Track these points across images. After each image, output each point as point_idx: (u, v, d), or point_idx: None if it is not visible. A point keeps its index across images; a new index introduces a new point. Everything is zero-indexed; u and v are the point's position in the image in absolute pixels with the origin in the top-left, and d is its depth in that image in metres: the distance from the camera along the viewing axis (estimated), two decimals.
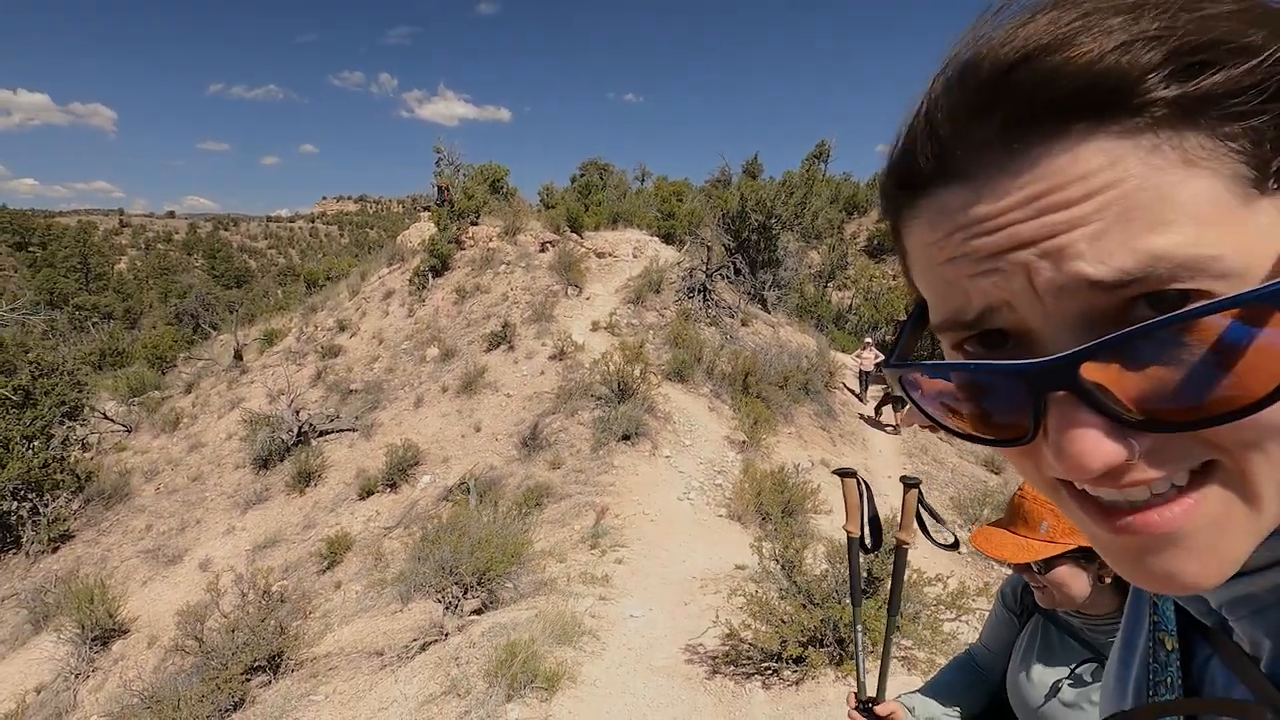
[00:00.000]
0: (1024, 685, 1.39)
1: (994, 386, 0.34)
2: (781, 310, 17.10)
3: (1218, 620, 0.43)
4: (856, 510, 1.52)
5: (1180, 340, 0.28)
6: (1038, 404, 0.32)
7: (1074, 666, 1.31)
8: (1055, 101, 0.29)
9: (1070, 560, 1.20)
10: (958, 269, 0.33)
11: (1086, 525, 0.36)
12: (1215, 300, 0.28)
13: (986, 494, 11.00)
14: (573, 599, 5.20)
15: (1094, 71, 0.29)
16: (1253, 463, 0.31)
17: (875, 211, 33.64)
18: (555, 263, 15.99)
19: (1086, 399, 0.30)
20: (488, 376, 12.43)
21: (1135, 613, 0.55)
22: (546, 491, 8.86)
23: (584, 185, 22.96)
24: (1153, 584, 0.34)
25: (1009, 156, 0.31)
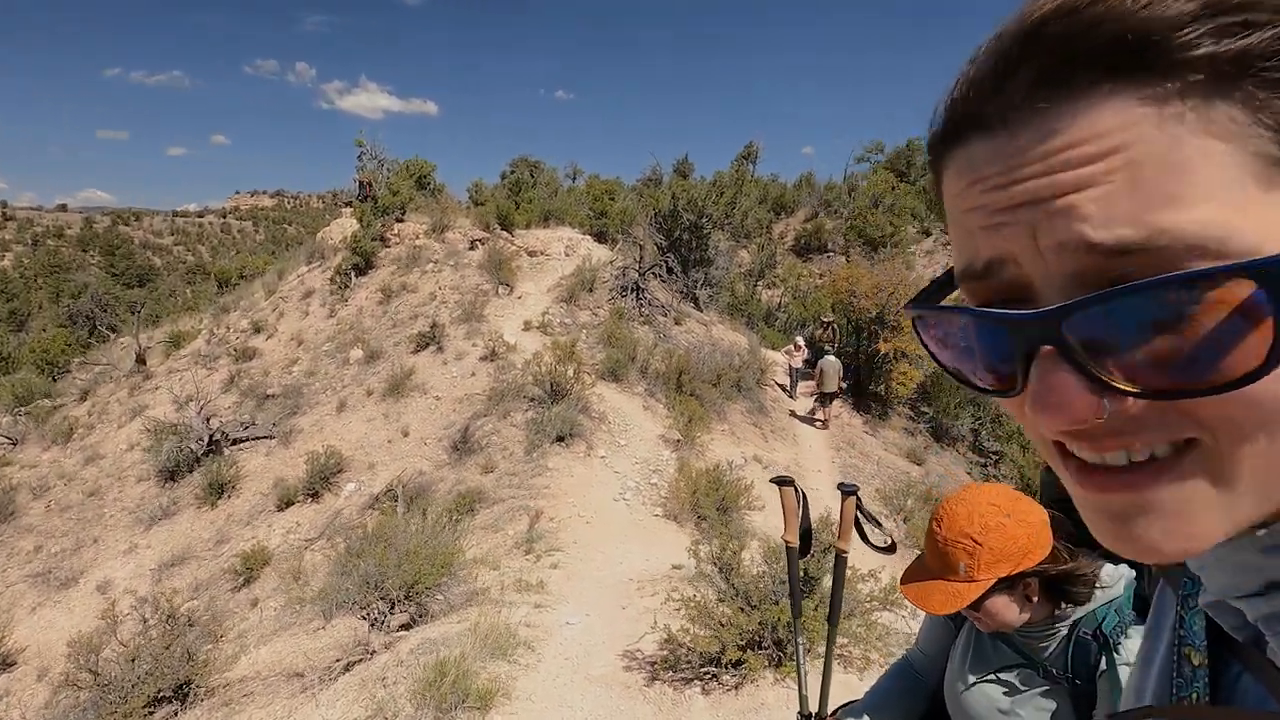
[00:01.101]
0: (960, 690, 1.39)
1: (989, 336, 0.35)
2: (713, 309, 17.28)
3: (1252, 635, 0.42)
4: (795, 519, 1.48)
5: (1164, 308, 0.28)
6: (1026, 356, 0.33)
7: (1008, 672, 1.31)
8: (1082, 57, 0.29)
9: (995, 592, 1.19)
10: (973, 219, 0.34)
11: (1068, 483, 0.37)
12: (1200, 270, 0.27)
13: (910, 485, 11.44)
14: (507, 608, 5.05)
15: (1125, 25, 0.28)
16: (1231, 446, 0.31)
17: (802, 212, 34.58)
18: (485, 261, 15.64)
19: (1066, 355, 0.31)
20: (416, 379, 12.02)
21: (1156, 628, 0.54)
22: (478, 496, 8.63)
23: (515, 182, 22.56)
24: (1122, 548, 0.35)
25: (1033, 113, 0.31)
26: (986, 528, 1.17)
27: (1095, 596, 1.20)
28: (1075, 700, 1.20)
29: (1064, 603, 1.22)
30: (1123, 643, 1.14)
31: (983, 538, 1.17)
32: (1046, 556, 1.17)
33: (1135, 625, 1.16)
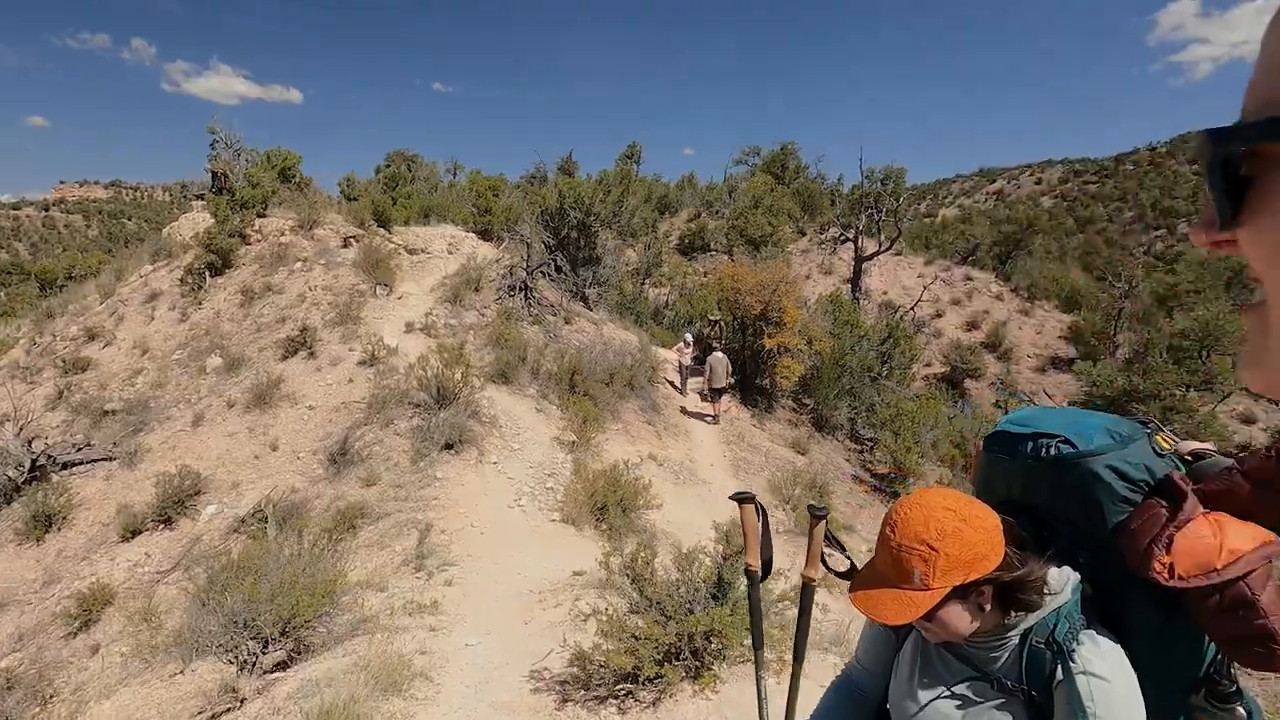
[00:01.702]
0: (907, 706, 1.34)
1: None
2: (603, 307, 17.21)
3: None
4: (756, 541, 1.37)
5: None
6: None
7: (959, 685, 1.27)
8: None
9: (949, 600, 1.14)
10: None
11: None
12: None
13: (796, 474, 11.90)
14: (398, 635, 4.67)
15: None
16: None
17: (685, 211, 35.31)
18: (361, 259, 14.68)
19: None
20: (285, 387, 11.05)
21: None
22: (361, 512, 8.03)
23: (390, 177, 21.39)
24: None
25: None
26: (943, 533, 1.11)
27: (1044, 603, 1.17)
28: (1031, 712, 1.17)
29: (1014, 611, 1.19)
30: (1077, 650, 1.12)
31: (939, 544, 1.11)
32: (999, 563, 1.13)
33: (1086, 631, 1.14)
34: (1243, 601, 1.00)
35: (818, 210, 32.31)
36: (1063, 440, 1.17)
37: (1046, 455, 1.18)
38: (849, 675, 1.56)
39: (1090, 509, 1.15)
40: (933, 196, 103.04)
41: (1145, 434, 1.18)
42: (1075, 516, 1.18)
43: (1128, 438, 1.16)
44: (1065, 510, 1.19)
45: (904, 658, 1.40)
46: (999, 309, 26.92)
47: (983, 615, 1.19)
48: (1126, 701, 1.05)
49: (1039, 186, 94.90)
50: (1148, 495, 1.12)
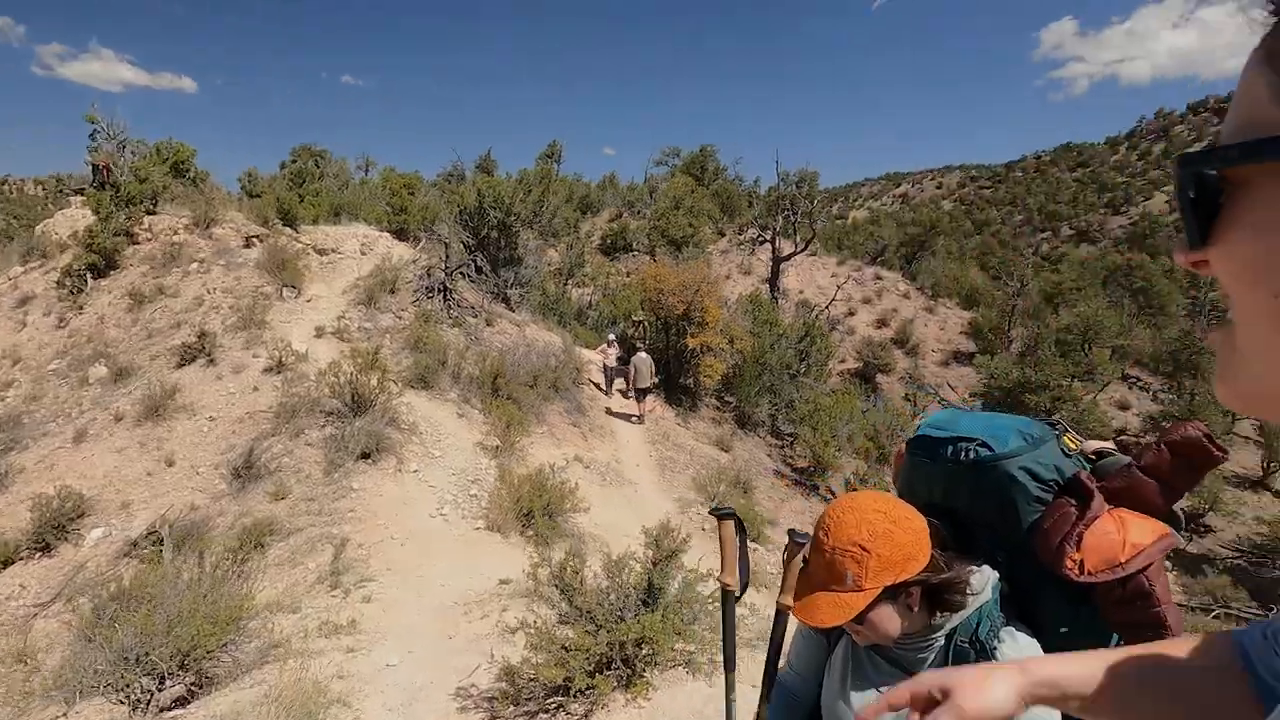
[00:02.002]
0: (839, 709, 1.35)
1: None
2: (525, 308, 16.95)
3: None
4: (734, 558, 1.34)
5: None
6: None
7: (886, 686, 1.29)
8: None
9: (880, 601, 1.16)
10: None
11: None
12: None
13: (720, 472, 12.11)
14: (313, 659, 4.41)
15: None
16: None
17: (607, 211, 35.29)
18: (265, 260, 13.86)
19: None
20: (181, 398, 10.29)
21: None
22: (270, 528, 7.57)
23: (297, 173, 20.33)
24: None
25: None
26: (875, 535, 1.13)
27: (967, 603, 1.21)
28: None
29: (940, 611, 1.22)
30: (998, 647, 1.16)
31: (871, 545, 1.13)
32: (927, 564, 1.16)
33: (1006, 628, 1.18)
34: (1141, 592, 1.07)
35: (736, 211, 33.02)
36: (980, 444, 1.21)
37: (966, 459, 1.22)
38: (782, 680, 1.57)
39: (1006, 510, 1.20)
40: (844, 199, 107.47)
41: (1054, 435, 1.24)
42: (993, 518, 1.22)
43: (1039, 439, 1.20)
44: (984, 512, 1.23)
45: (835, 662, 1.41)
46: (906, 307, 28.31)
47: (911, 616, 1.21)
48: None
49: (940, 190, 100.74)
50: (1058, 495, 1.17)
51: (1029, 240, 63.73)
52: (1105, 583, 1.08)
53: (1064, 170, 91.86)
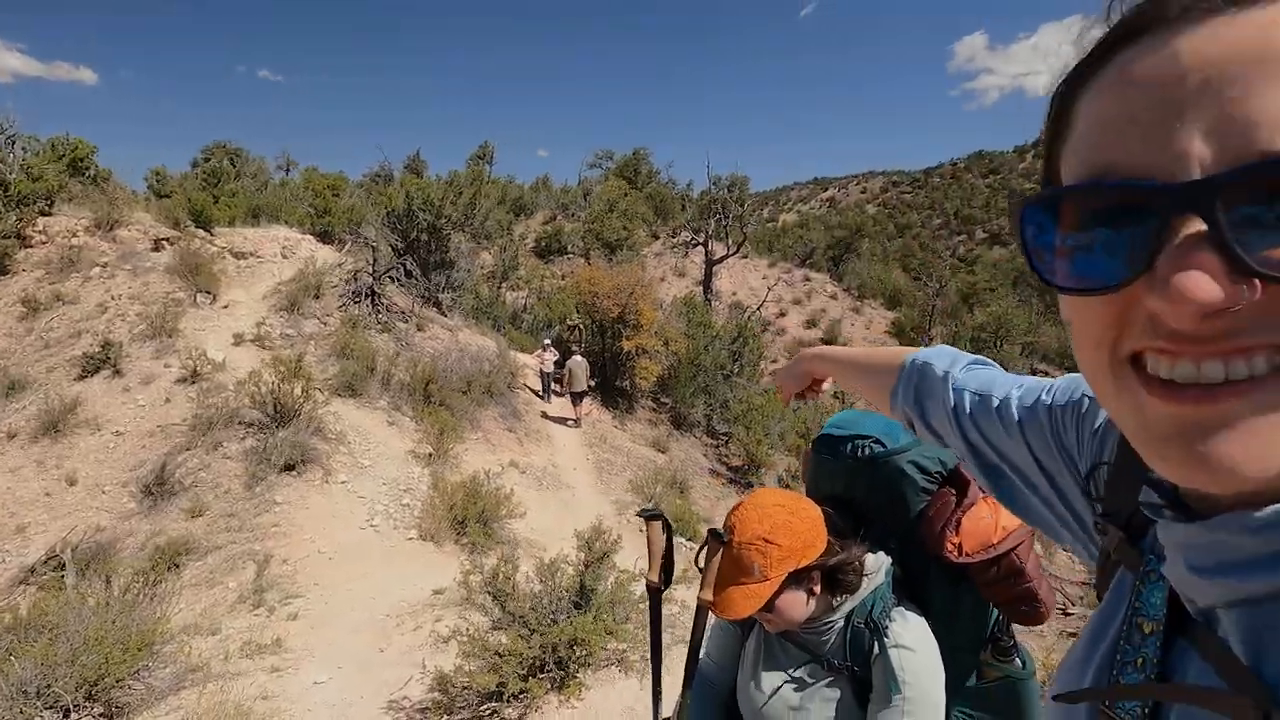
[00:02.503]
0: (752, 693, 1.44)
1: (1119, 216, 0.35)
2: (458, 312, 16.66)
3: (1204, 611, 0.44)
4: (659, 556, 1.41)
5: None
6: (1160, 233, 0.33)
7: (794, 669, 1.38)
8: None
9: (785, 588, 1.24)
10: (1131, 116, 0.35)
11: (1141, 409, 0.36)
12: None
13: (657, 473, 12.24)
14: (235, 681, 4.24)
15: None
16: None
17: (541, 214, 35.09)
18: (177, 264, 13.11)
19: (1211, 232, 0.31)
20: (84, 411, 9.64)
21: (1114, 601, 0.55)
22: (186, 547, 7.21)
23: (210, 172, 19.35)
24: (1193, 469, 0.35)
25: (1213, 16, 0.33)
26: (776, 527, 1.22)
27: (863, 586, 1.31)
28: (855, 686, 1.30)
29: (838, 594, 1.31)
30: (889, 626, 1.26)
31: (774, 537, 1.21)
32: (824, 550, 1.25)
33: (897, 609, 1.28)
34: (1013, 570, 1.20)
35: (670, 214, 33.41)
36: (875, 440, 1.32)
37: (862, 455, 1.34)
38: (702, 670, 1.65)
39: (897, 500, 1.31)
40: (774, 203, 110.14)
41: None
42: (887, 508, 1.34)
43: None
44: (879, 502, 1.34)
45: (749, 650, 1.50)
46: (834, 307, 29.33)
47: (814, 599, 1.30)
48: (928, 666, 1.21)
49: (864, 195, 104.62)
50: (941, 485, 1.29)
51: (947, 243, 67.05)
52: (980, 562, 1.19)
53: (977, 176, 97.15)
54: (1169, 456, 0.36)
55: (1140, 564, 0.52)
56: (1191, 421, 0.34)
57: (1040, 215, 0.39)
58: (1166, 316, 0.33)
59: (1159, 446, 0.36)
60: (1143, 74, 0.35)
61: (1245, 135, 0.31)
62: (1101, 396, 0.41)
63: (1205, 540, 0.41)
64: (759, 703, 1.41)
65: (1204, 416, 0.34)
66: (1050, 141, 0.42)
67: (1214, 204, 0.31)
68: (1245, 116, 0.31)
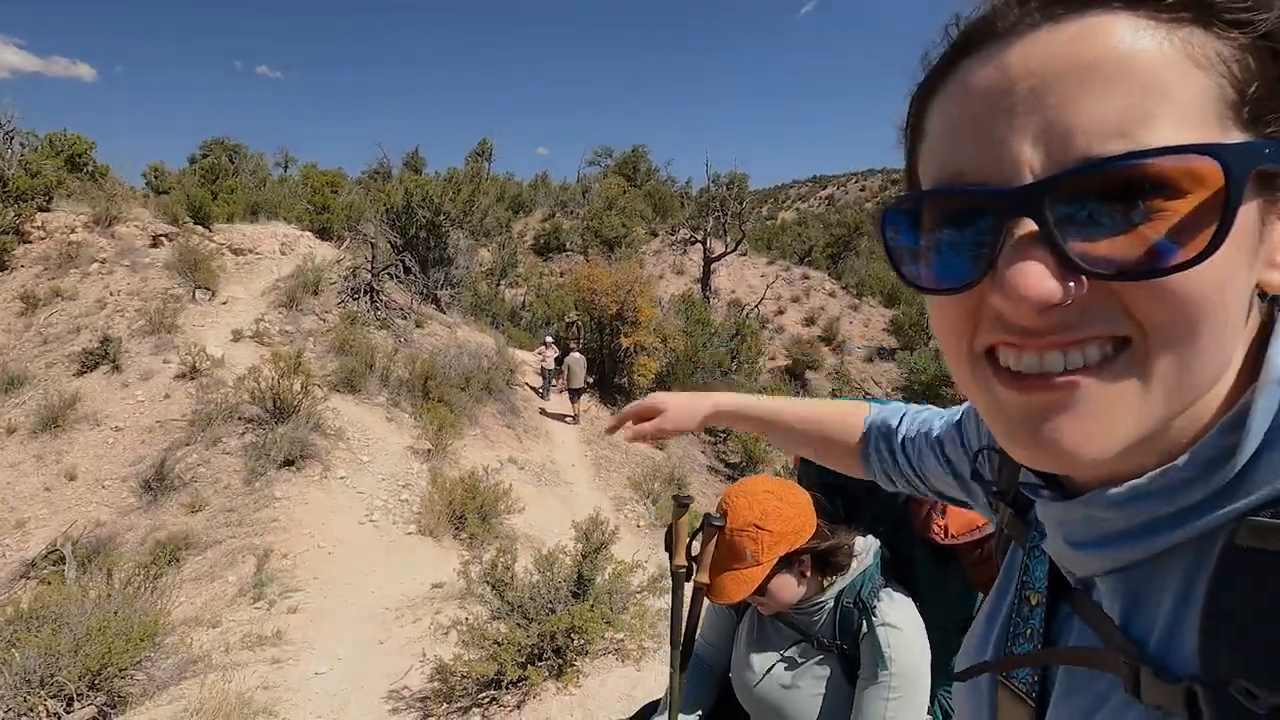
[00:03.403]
0: (745, 672, 1.48)
1: (966, 219, 0.37)
2: (456, 309, 16.69)
3: (1083, 580, 0.47)
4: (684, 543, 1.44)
5: (1135, 185, 0.32)
6: (999, 234, 0.35)
7: (786, 649, 1.42)
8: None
9: (777, 572, 1.28)
10: (972, 124, 0.37)
11: (995, 397, 0.39)
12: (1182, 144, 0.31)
13: (656, 469, 12.28)
14: (236, 672, 4.27)
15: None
16: (1157, 346, 0.34)
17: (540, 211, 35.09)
18: (176, 260, 13.13)
19: (1043, 233, 0.34)
20: (83, 407, 9.66)
21: (1006, 576, 0.59)
22: (186, 542, 7.24)
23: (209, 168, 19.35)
24: (1040, 452, 0.37)
25: (1049, 23, 0.35)
26: (766, 513, 1.26)
27: (852, 567, 1.35)
28: (844, 664, 1.34)
29: (829, 575, 1.35)
30: (877, 605, 1.30)
31: (764, 522, 1.25)
32: (814, 534, 1.29)
33: (885, 589, 1.32)
34: None
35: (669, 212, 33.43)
36: None
37: None
38: (696, 652, 1.69)
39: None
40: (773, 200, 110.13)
41: None
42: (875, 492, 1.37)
43: None
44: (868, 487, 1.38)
45: (742, 632, 1.54)
46: (833, 305, 29.35)
47: (806, 582, 1.34)
48: (914, 644, 1.25)
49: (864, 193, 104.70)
50: None
51: None
52: (966, 544, 1.23)
53: None
54: (1018, 441, 0.39)
55: (1026, 539, 0.56)
56: (1036, 409, 0.37)
57: (900, 220, 0.42)
58: (1008, 313, 0.36)
59: (1010, 432, 0.39)
60: (979, 84, 0.37)
61: (1066, 141, 0.33)
62: (963, 387, 0.43)
63: (1077, 516, 0.44)
64: (752, 682, 1.45)
65: (1046, 404, 0.36)
66: (909, 148, 0.44)
67: (1042, 206, 0.34)
68: (1066, 123, 0.33)
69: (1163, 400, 0.36)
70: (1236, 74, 0.33)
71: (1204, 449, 0.38)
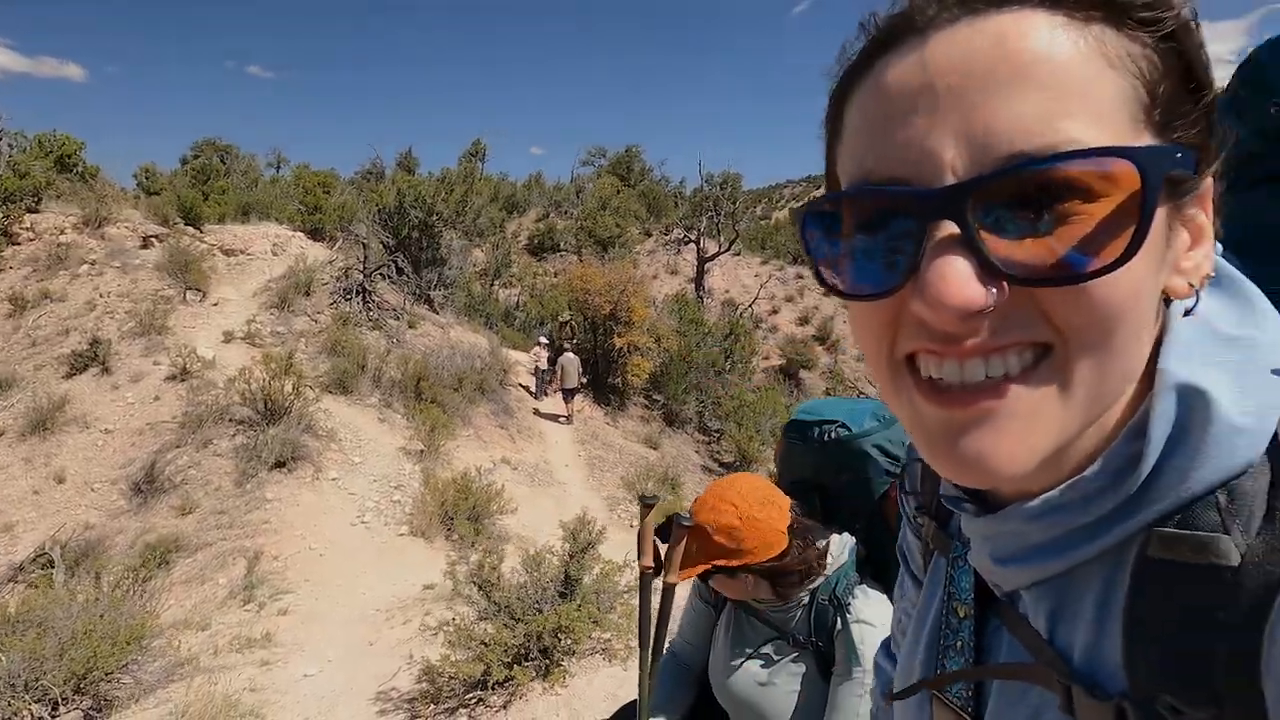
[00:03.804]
0: (723, 669, 1.49)
1: (888, 221, 0.36)
2: (450, 310, 16.66)
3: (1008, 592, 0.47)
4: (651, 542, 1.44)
5: (1053, 193, 0.31)
6: (919, 238, 0.34)
7: (762, 646, 1.43)
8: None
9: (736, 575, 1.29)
10: (890, 121, 0.36)
11: (916, 409, 0.38)
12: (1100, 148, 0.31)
13: (649, 468, 12.29)
14: (224, 675, 4.25)
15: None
16: (1077, 352, 0.34)
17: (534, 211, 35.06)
18: (166, 261, 13.07)
19: (964, 236, 0.33)
20: (72, 409, 9.61)
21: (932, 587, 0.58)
22: (176, 544, 7.21)
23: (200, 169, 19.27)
24: (962, 467, 0.36)
25: (967, 19, 0.34)
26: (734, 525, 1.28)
27: (828, 566, 1.35)
28: (820, 661, 1.35)
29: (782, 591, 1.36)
30: (852, 603, 1.30)
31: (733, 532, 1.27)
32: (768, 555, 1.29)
33: (860, 586, 1.32)
34: None
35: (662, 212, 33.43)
36: (840, 425, 1.37)
37: (829, 439, 1.38)
38: (673, 650, 1.69)
39: (861, 482, 1.36)
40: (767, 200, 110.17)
41: None
42: (852, 489, 1.38)
43: (891, 420, 1.37)
44: (846, 485, 1.39)
45: (720, 630, 1.55)
46: (826, 304, 29.39)
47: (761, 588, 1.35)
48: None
49: None
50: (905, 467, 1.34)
51: None
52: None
53: None
54: (939, 456, 0.37)
55: (950, 550, 0.55)
56: (955, 422, 0.36)
57: (818, 223, 0.40)
58: (930, 320, 0.34)
59: (931, 447, 0.38)
60: (898, 80, 0.36)
61: (988, 141, 0.32)
62: (884, 396, 0.42)
63: (999, 530, 0.43)
64: (727, 677, 1.46)
65: (965, 417, 0.35)
66: (828, 147, 0.43)
67: (965, 209, 0.33)
68: (986, 123, 0.32)
69: (1082, 407, 0.35)
70: (1147, 75, 0.33)
71: (1112, 458, 0.38)
